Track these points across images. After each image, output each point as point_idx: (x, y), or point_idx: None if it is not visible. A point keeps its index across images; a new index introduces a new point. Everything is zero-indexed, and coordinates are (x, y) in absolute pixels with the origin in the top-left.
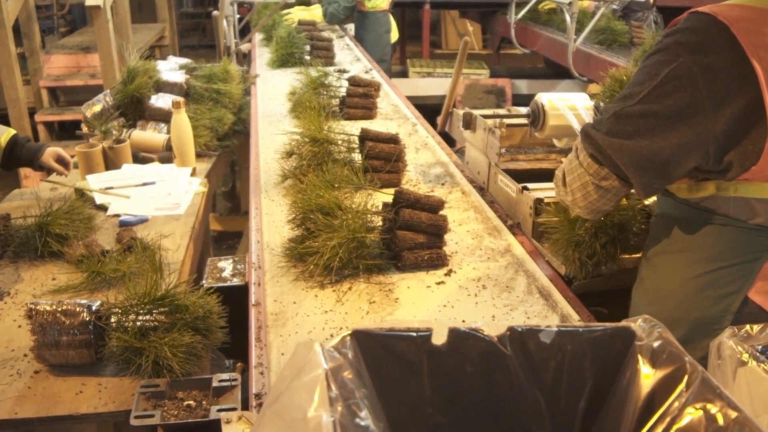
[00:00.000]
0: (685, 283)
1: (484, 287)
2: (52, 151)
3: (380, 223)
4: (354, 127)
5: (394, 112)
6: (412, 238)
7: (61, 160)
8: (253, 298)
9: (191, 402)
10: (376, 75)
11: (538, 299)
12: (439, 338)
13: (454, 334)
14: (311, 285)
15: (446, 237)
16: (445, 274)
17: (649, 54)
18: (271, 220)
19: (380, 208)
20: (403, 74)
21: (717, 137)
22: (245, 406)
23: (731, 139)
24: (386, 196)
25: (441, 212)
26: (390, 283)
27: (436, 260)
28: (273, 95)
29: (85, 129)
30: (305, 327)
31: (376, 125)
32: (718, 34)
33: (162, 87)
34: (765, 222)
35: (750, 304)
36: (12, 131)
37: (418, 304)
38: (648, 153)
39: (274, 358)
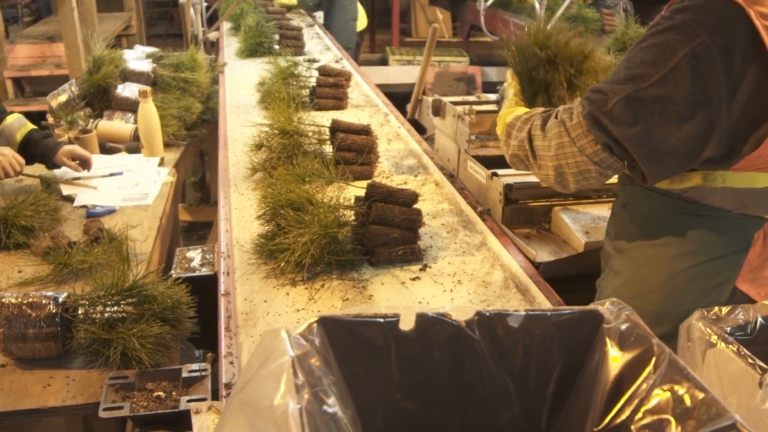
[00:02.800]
0: (672, 276)
1: (459, 282)
2: (66, 150)
3: (353, 218)
4: (325, 118)
5: (365, 102)
6: (386, 232)
7: (78, 158)
8: (222, 288)
9: (161, 393)
10: (347, 64)
11: (516, 294)
12: (406, 324)
13: (422, 319)
14: (282, 282)
15: (420, 231)
16: (420, 270)
17: (655, 31)
18: (241, 215)
19: (352, 202)
20: (383, 62)
21: (730, 125)
22: (216, 396)
23: (739, 126)
24: (358, 189)
25: (415, 205)
26: (363, 279)
27: (411, 255)
28: (242, 86)
29: (50, 119)
30: (277, 327)
31: (347, 116)
32: (733, 15)
33: (128, 76)
34: (749, 211)
35: (737, 293)
36: (29, 127)
37: (393, 301)
38: (665, 146)
39: (245, 349)
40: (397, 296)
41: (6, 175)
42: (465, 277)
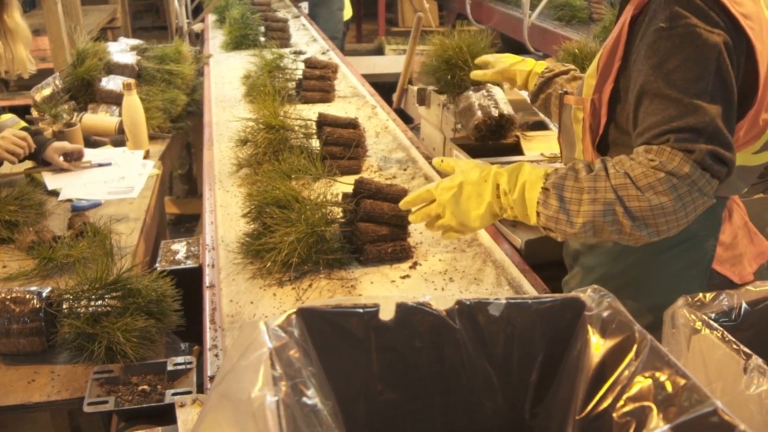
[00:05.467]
0: (649, 266)
1: (451, 280)
2: (57, 147)
3: (340, 215)
4: (311, 111)
5: (352, 94)
6: (375, 230)
7: (69, 153)
8: (207, 280)
9: (146, 387)
10: (334, 56)
11: (508, 291)
12: (386, 314)
13: (402, 309)
14: (269, 283)
15: (410, 228)
16: (410, 267)
17: (671, 48)
18: (226, 212)
19: (340, 198)
20: (379, 51)
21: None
22: (201, 389)
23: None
24: (346, 186)
25: None
26: (352, 278)
27: (400, 253)
28: (227, 79)
29: (34, 113)
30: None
31: (334, 108)
32: (717, 8)
33: (113, 69)
34: (717, 192)
35: (715, 276)
36: (21, 124)
37: None
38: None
39: (230, 342)
40: (387, 295)
41: (17, 158)
42: (456, 274)
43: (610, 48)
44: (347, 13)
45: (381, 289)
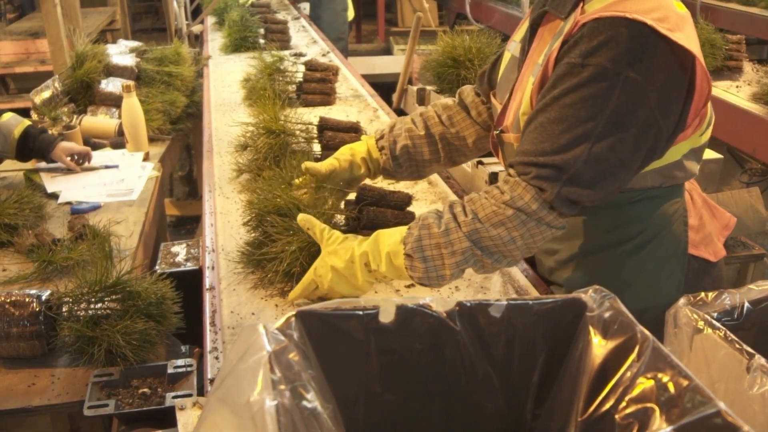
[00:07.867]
0: (627, 269)
1: (457, 288)
2: (65, 147)
3: (343, 223)
4: (312, 115)
5: (354, 97)
6: None
7: (77, 154)
8: (207, 282)
9: (146, 389)
10: (334, 58)
11: None
12: (386, 316)
13: (402, 311)
14: (271, 293)
15: None
16: None
17: (576, 84)
18: (226, 219)
19: (342, 206)
20: (387, 51)
21: (669, 129)
22: (202, 392)
23: (674, 126)
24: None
25: (408, 208)
26: None
27: None
28: (226, 82)
29: (34, 116)
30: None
31: (335, 112)
32: (639, 34)
33: (112, 71)
34: (675, 181)
35: (692, 260)
36: (26, 122)
37: None
38: (626, 177)
39: (230, 346)
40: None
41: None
42: (462, 283)
43: (539, 82)
44: (350, 13)
45: None
